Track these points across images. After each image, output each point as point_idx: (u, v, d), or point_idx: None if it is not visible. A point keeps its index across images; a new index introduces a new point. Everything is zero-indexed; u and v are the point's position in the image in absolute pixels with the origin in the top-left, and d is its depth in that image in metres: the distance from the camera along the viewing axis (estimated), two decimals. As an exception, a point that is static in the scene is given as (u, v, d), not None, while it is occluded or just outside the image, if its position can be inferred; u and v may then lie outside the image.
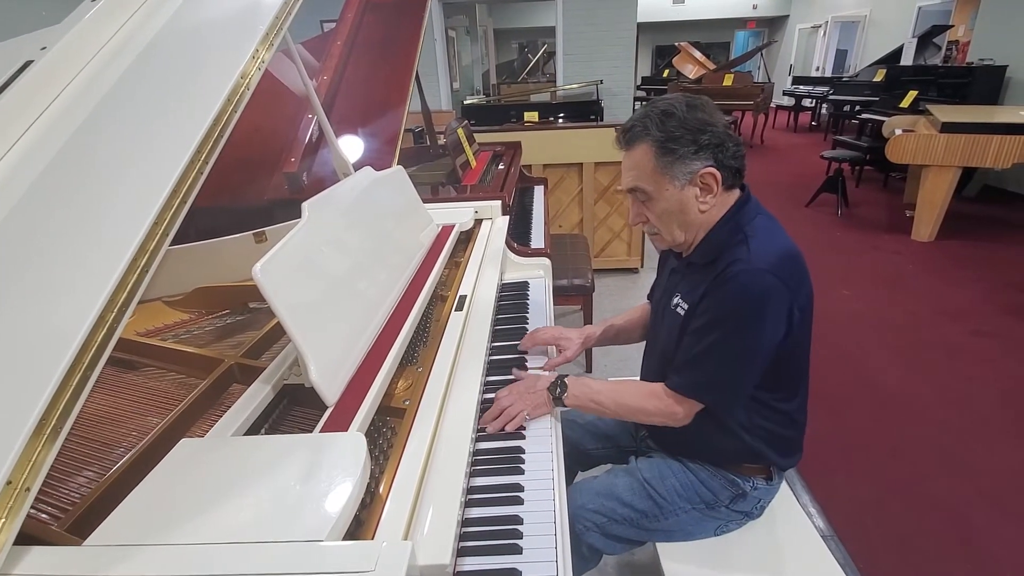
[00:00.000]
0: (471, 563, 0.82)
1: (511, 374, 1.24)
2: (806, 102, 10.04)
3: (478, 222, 1.88)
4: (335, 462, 0.66)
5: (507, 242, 1.99)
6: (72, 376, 0.62)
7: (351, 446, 0.69)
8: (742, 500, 1.17)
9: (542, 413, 1.09)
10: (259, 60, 1.03)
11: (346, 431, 0.74)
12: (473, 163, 2.73)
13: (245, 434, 0.83)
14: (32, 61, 0.99)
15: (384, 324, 1.07)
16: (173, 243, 1.65)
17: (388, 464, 0.77)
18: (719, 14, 12.67)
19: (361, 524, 0.67)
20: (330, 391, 0.81)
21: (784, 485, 1.34)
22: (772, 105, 9.74)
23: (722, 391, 1.04)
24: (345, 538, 0.60)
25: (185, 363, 1.17)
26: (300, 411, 0.99)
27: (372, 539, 0.63)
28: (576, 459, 1.41)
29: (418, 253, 1.40)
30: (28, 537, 0.62)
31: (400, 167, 1.58)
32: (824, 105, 9.18)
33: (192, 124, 0.86)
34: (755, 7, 12.48)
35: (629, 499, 1.17)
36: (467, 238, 1.80)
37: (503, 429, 1.03)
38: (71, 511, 0.70)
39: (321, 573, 0.52)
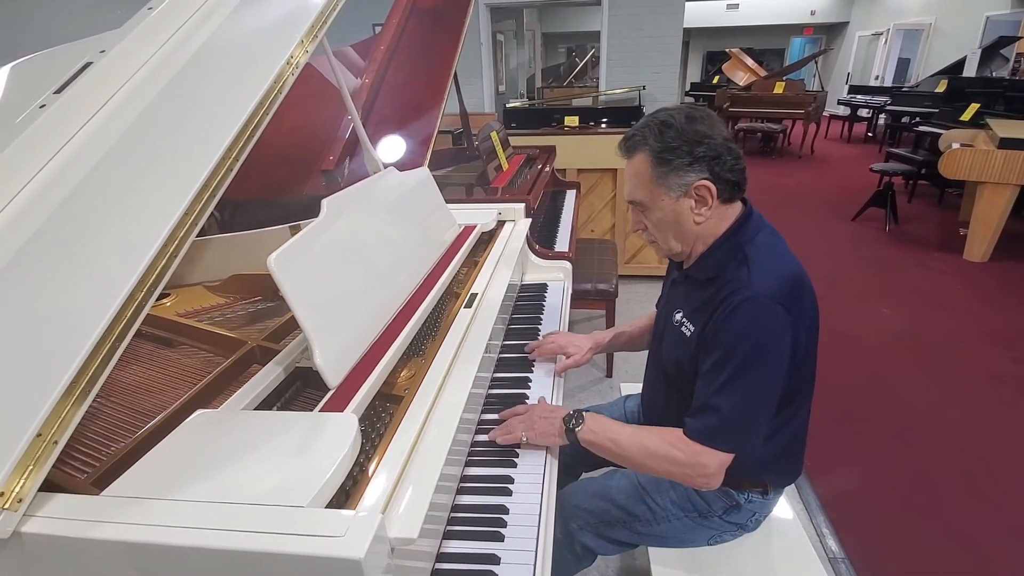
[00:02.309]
0: (455, 546, 0.88)
1: (517, 390, 1.26)
2: (863, 112, 9.67)
3: (501, 223, 1.93)
4: (326, 439, 0.72)
5: (529, 244, 2.03)
6: (102, 346, 0.70)
7: (343, 425, 0.75)
8: (736, 512, 1.17)
9: (546, 443, 1.08)
10: (293, 66, 1.10)
11: (342, 412, 0.80)
12: (505, 166, 2.79)
13: (255, 409, 0.90)
14: (91, 63, 1.10)
15: (394, 317, 1.13)
16: (219, 232, 1.77)
17: (380, 445, 0.83)
18: (774, 20, 12.35)
19: (349, 496, 0.73)
20: (332, 375, 0.88)
21: (792, 502, 1.32)
22: (825, 114, 9.43)
23: (740, 431, 0.99)
24: (330, 506, 0.66)
25: (215, 343, 1.26)
26: (312, 392, 1.06)
27: (355, 510, 0.68)
28: (580, 459, 1.43)
29: (436, 251, 1.46)
30: (58, 487, 0.70)
31: (425, 168, 1.65)
32: (881, 116, 8.82)
33: (225, 126, 0.93)
34: (813, 13, 12.09)
35: (623, 502, 1.19)
36: (490, 238, 1.85)
37: (495, 441, 1.08)
38: (97, 467, 0.79)
39: (298, 535, 0.57)
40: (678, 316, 1.12)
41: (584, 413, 1.11)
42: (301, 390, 1.07)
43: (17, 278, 0.76)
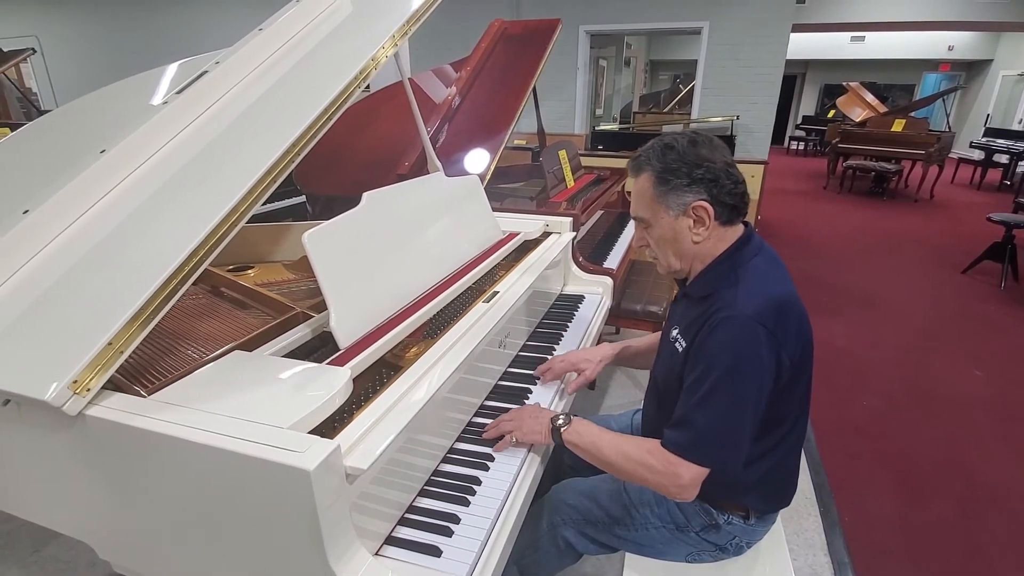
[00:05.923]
0: (426, 503, 1.00)
1: (532, 373, 1.38)
2: (1002, 158, 8.72)
3: (547, 234, 2.04)
4: (320, 384, 0.88)
5: (574, 256, 2.12)
6: (166, 287, 0.89)
7: (337, 377, 0.90)
8: (714, 531, 1.17)
9: (533, 441, 1.15)
10: (358, 80, 1.29)
11: (341, 367, 0.95)
12: (570, 183, 2.90)
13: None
14: (207, 71, 1.36)
15: (414, 301, 1.28)
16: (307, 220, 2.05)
17: (370, 400, 0.97)
18: (905, 54, 11.45)
19: (335, 429, 0.88)
20: (344, 337, 1.04)
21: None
22: (953, 157, 8.62)
23: (716, 446, 1.00)
24: (314, 433, 0.81)
25: (275, 309, 1.48)
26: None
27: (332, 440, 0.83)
28: (585, 462, 1.49)
29: (471, 250, 1.60)
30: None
31: (475, 176, 1.80)
32: (1022, 163, 7.92)
33: (291, 129, 1.13)
34: (951, 48, 11.07)
35: (606, 503, 1.23)
36: (535, 246, 1.96)
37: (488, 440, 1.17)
38: (157, 384, 1.00)
39: (270, 446, 0.73)
40: (674, 332, 1.16)
41: (573, 417, 1.17)
42: (328, 353, 1.24)
43: (131, 226, 1.00)
